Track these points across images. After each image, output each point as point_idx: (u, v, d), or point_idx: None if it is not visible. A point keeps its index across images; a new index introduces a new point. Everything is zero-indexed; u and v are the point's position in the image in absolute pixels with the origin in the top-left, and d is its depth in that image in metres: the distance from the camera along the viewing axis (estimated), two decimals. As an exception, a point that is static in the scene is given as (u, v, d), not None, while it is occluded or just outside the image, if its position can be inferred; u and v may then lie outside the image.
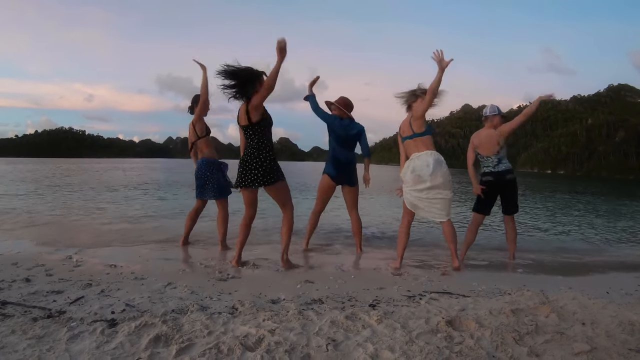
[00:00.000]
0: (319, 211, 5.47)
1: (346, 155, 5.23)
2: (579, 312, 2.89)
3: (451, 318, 2.66)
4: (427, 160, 4.31)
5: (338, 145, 5.23)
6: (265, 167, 4.22)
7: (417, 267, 4.76)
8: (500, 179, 4.99)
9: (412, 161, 4.43)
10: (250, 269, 4.35)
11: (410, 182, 4.40)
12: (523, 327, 2.59)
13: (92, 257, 4.59)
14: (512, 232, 5.26)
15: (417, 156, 4.39)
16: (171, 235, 6.12)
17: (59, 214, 8.36)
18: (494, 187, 5.02)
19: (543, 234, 7.92)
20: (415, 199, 4.43)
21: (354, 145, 5.28)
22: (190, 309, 2.81)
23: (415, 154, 4.42)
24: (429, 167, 4.26)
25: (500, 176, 4.98)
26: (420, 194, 4.37)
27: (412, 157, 4.44)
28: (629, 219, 11.22)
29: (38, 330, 2.36)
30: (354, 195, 5.36)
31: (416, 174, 4.33)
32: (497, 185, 5.01)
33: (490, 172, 5.02)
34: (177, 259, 4.85)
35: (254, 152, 4.23)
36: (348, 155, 5.24)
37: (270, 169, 4.23)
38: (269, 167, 4.23)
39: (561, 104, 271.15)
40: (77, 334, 2.34)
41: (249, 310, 2.82)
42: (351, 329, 2.50)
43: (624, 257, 6.04)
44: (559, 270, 4.95)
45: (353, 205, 5.39)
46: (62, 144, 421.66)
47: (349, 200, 5.39)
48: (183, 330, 2.41)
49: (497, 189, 5.04)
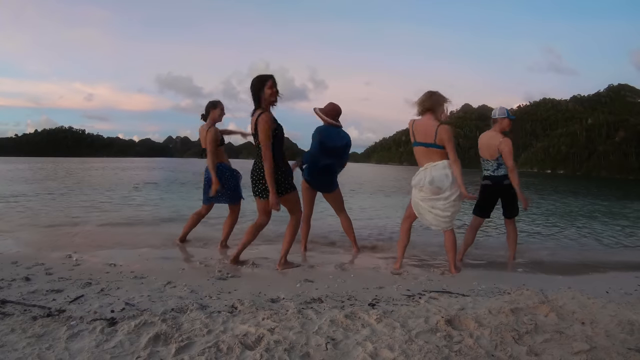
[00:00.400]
0: (307, 215, 5.41)
1: (325, 163, 5.12)
2: (578, 312, 2.89)
3: (450, 317, 2.66)
4: (446, 171, 4.18)
5: (321, 153, 5.10)
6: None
7: (417, 266, 4.77)
8: (498, 184, 4.97)
9: (428, 171, 4.25)
10: (250, 268, 4.36)
11: (428, 192, 4.26)
12: (522, 326, 2.59)
13: (92, 256, 4.59)
14: (512, 234, 5.25)
15: (434, 166, 4.22)
16: (171, 234, 6.12)
17: (59, 213, 8.36)
18: (493, 191, 5.02)
19: (542, 233, 7.91)
20: (422, 209, 4.35)
21: (338, 154, 5.18)
22: (190, 308, 2.81)
23: (430, 163, 4.25)
24: (448, 178, 4.15)
25: (499, 181, 4.96)
26: (430, 203, 4.27)
27: (427, 167, 4.27)
28: (629, 219, 11.21)
29: (38, 329, 2.35)
30: (335, 199, 5.33)
31: (435, 185, 4.18)
32: (496, 189, 5.01)
33: (489, 176, 5.02)
34: (177, 258, 4.85)
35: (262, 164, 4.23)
36: (328, 162, 5.12)
37: (280, 180, 4.21)
38: (279, 178, 4.21)
39: (561, 103, 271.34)
40: (76, 333, 2.34)
41: (249, 309, 2.82)
42: (350, 328, 2.51)
43: (624, 257, 6.05)
44: (558, 270, 4.96)
45: (339, 209, 5.39)
46: (62, 143, 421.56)
47: (332, 205, 5.40)
48: (182, 329, 2.41)
49: (496, 193, 5.03)
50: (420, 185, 4.30)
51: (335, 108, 5.20)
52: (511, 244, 5.29)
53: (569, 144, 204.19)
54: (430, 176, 4.22)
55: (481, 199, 5.08)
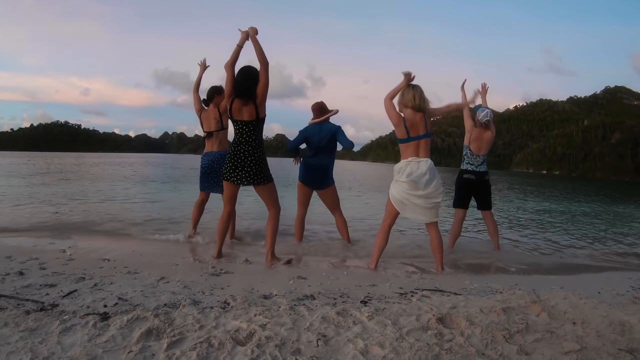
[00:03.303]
0: (302, 215, 5.52)
1: (319, 160, 5.24)
2: (569, 312, 2.91)
3: (442, 315, 2.68)
4: (425, 168, 4.14)
5: (311, 152, 5.26)
6: (260, 166, 4.23)
7: (409, 264, 4.78)
8: (480, 178, 5.42)
9: (410, 165, 4.19)
10: (244, 264, 4.36)
11: (407, 186, 4.20)
12: (513, 325, 2.60)
13: (86, 251, 4.59)
14: (492, 225, 5.67)
15: (418, 162, 4.18)
16: (166, 228, 6.12)
17: (55, 207, 8.32)
18: (473, 184, 5.43)
19: (536, 234, 7.94)
20: (404, 199, 4.24)
21: (329, 149, 5.25)
22: (183, 304, 2.82)
23: (415, 158, 4.20)
24: (425, 176, 4.11)
25: (480, 176, 5.43)
26: (410, 196, 4.20)
27: (411, 160, 4.20)
28: (623, 221, 11.25)
29: (31, 323, 2.36)
30: (330, 197, 5.39)
31: (412, 179, 4.13)
32: (476, 183, 5.43)
33: (472, 170, 5.44)
34: (171, 253, 4.83)
35: (250, 149, 4.21)
36: (321, 160, 5.24)
37: (265, 168, 4.26)
38: (264, 166, 4.25)
39: (558, 104, 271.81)
40: (69, 327, 2.35)
41: (241, 305, 2.82)
42: (342, 325, 2.52)
43: (617, 258, 6.06)
44: (551, 270, 5.00)
45: (333, 207, 5.47)
46: (57, 138, 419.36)
47: (326, 203, 5.46)
48: (175, 324, 2.42)
49: (475, 186, 5.46)
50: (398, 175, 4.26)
51: (321, 106, 5.34)
52: (493, 235, 5.70)
53: (565, 145, 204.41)
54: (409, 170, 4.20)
55: (463, 192, 5.51)
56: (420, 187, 4.13)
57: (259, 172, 4.23)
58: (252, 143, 4.24)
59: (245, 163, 4.20)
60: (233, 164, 4.25)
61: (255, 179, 4.23)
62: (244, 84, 4.15)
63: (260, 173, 4.24)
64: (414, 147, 4.21)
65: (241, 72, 4.23)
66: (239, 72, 4.23)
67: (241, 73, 4.22)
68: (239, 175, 4.24)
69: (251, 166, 4.20)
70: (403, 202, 4.26)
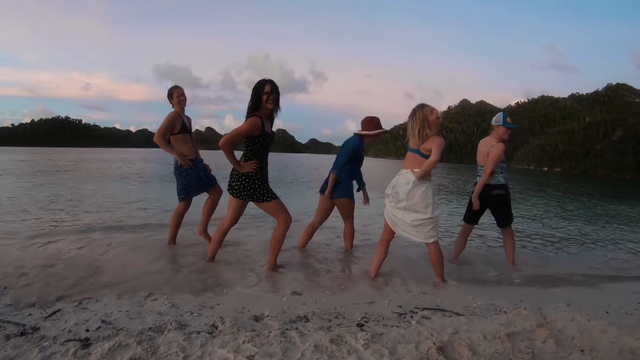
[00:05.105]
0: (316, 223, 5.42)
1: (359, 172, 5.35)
2: (577, 337, 2.76)
3: (443, 344, 2.52)
4: (409, 178, 3.95)
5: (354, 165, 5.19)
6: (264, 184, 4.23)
7: (410, 277, 4.54)
8: (487, 193, 4.89)
9: (396, 177, 4.08)
10: (238, 275, 4.19)
11: (391, 199, 4.06)
12: (519, 355, 2.45)
13: (72, 265, 4.35)
14: (510, 240, 5.18)
15: (405, 173, 4.01)
16: (157, 237, 5.94)
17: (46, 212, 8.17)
18: (483, 199, 4.91)
19: (540, 241, 7.77)
20: (392, 215, 4.09)
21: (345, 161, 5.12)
22: (168, 327, 2.68)
23: (404, 170, 4.04)
24: (408, 185, 3.91)
25: (487, 190, 4.88)
26: (397, 212, 4.03)
27: (400, 172, 4.07)
28: (625, 225, 11.08)
29: (10, 351, 2.29)
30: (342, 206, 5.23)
31: (395, 190, 3.99)
32: (485, 198, 4.90)
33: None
34: (162, 265, 4.59)
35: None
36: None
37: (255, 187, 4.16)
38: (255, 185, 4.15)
39: (559, 101, 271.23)
40: (48, 356, 2.25)
41: (229, 330, 2.68)
42: (335, 355, 2.37)
43: (622, 265, 5.91)
44: (556, 282, 4.74)
45: (345, 216, 5.36)
46: (58, 133, 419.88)
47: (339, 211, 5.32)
48: (158, 353, 2.29)
49: (485, 201, 4.93)
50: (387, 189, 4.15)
51: (368, 120, 5.17)
52: (509, 250, 5.21)
53: (567, 142, 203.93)
54: (393, 182, 4.09)
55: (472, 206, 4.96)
56: (403, 199, 3.94)
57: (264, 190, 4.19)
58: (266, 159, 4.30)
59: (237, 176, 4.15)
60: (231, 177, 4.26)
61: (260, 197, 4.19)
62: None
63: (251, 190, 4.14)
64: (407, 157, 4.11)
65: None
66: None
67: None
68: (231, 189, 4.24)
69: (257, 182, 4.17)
70: (393, 219, 4.11)
